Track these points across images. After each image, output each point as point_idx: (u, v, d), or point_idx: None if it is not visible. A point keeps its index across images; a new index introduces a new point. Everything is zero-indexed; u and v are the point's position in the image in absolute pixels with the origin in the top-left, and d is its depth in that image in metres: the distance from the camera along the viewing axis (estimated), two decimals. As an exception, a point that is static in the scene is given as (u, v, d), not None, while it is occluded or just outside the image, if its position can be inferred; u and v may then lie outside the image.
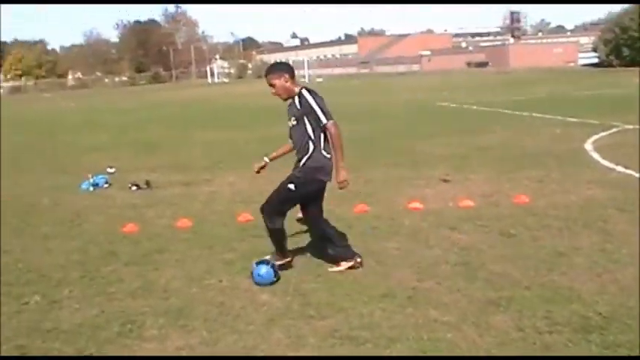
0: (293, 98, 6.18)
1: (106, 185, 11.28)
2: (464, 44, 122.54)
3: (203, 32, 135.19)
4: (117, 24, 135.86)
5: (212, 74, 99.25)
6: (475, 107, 23.54)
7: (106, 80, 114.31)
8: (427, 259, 6.33)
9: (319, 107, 6.02)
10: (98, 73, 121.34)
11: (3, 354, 4.73)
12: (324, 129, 6.00)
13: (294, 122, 6.15)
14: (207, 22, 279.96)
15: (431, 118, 20.74)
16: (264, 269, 5.89)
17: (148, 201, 9.90)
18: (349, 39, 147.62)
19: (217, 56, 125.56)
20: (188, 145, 17.24)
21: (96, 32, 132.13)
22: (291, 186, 6.20)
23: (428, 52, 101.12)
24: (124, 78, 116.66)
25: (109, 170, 12.49)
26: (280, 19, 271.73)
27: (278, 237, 6.22)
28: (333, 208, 8.67)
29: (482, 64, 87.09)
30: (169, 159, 14.60)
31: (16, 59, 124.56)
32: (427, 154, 13.11)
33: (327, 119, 5.99)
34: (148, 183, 10.95)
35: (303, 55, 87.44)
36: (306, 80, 70.39)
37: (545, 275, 5.72)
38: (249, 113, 27.86)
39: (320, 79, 71.71)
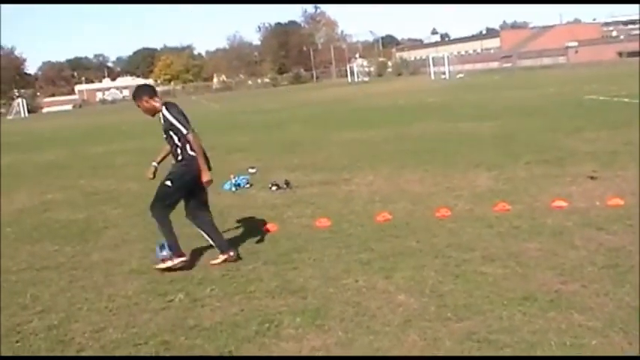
0: (160, 114, 7.02)
1: (247, 185, 11.59)
2: (615, 33, 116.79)
3: (342, 32, 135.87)
4: (259, 27, 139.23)
5: (352, 73, 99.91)
6: (627, 100, 22.28)
7: (249, 82, 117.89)
8: (571, 261, 6.03)
9: (177, 121, 6.88)
10: (241, 76, 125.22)
11: (148, 350, 4.94)
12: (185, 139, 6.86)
13: (164, 134, 7.07)
14: (347, 21, 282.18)
15: (578, 112, 19.84)
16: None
17: (287, 201, 10.07)
18: (491, 33, 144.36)
19: (357, 55, 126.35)
20: (327, 144, 17.39)
21: (239, 36, 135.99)
22: (168, 182, 6.99)
23: (575, 44, 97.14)
24: (266, 79, 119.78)
25: (250, 170, 12.84)
26: (420, 15, 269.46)
27: (166, 231, 6.90)
28: (473, 207, 8.51)
29: (636, 54, 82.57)
30: (309, 158, 14.80)
31: (165, 65, 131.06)
32: (573, 150, 12.54)
33: (187, 131, 6.86)
34: (287, 183, 11.14)
35: (444, 51, 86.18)
36: (447, 77, 69.51)
37: (703, 280, 5.31)
38: (388, 111, 27.80)
39: (461, 75, 70.59)
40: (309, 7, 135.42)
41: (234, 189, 11.36)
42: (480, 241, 6.92)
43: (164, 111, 6.96)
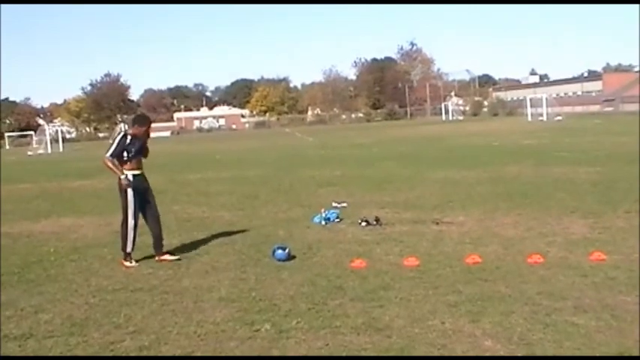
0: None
1: (337, 220, 11.64)
2: None
3: (439, 69, 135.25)
4: (354, 62, 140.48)
5: (446, 111, 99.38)
6: None
7: (343, 116, 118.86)
8: (671, 318, 5.78)
9: (112, 143, 9.22)
10: (336, 110, 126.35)
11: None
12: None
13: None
14: (443, 59, 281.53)
15: (682, 161, 19.05)
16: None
17: (376, 237, 10.06)
18: (593, 75, 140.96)
19: (452, 93, 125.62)
20: (419, 182, 17.30)
21: (335, 70, 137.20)
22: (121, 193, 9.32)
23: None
24: (360, 114, 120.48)
25: (334, 204, 12.81)
26: (519, 54, 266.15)
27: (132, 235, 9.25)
28: (566, 254, 8.29)
29: None
30: (400, 196, 14.75)
31: (261, 96, 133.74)
32: (676, 200, 12.03)
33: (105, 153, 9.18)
34: (377, 219, 11.14)
35: (542, 93, 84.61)
36: (544, 119, 68.11)
37: None
38: (482, 152, 27.44)
39: (559, 117, 69.03)
40: (406, 44, 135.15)
41: (324, 222, 11.43)
42: (572, 291, 6.72)
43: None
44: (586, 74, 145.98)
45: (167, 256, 9.31)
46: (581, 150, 24.74)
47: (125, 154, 9.21)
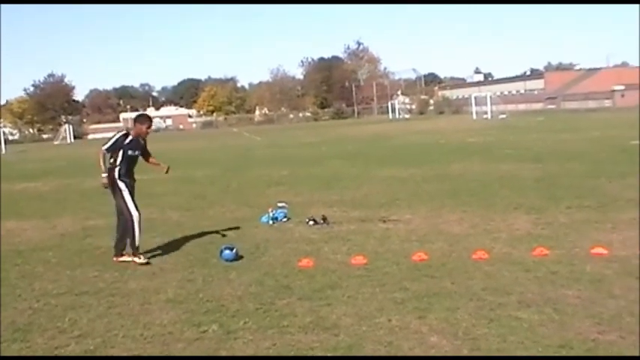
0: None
1: (285, 219, 11.64)
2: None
3: (385, 68, 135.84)
4: (302, 61, 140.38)
5: (393, 110, 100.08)
6: (673, 146, 21.95)
7: (291, 116, 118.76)
8: (610, 310, 5.95)
9: (111, 139, 9.09)
10: (283, 109, 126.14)
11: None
12: None
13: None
14: (390, 58, 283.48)
15: (622, 158, 19.55)
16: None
17: (324, 236, 10.10)
18: (535, 73, 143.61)
19: (399, 92, 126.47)
20: (366, 181, 17.41)
21: (282, 69, 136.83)
22: None
23: (621, 87, 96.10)
24: (308, 113, 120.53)
25: (279, 205, 12.79)
26: (463, 54, 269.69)
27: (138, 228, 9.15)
28: (510, 250, 8.45)
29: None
30: (347, 194, 14.83)
31: (209, 96, 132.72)
32: (616, 196, 12.37)
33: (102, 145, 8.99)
34: (324, 218, 11.18)
35: (487, 91, 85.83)
36: (489, 117, 69.26)
37: None
38: (429, 150, 27.74)
39: (503, 116, 70.15)
40: (352, 43, 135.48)
41: (271, 222, 11.43)
42: (516, 286, 6.86)
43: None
44: (529, 73, 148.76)
45: (126, 258, 9.12)
46: (524, 147, 25.20)
47: (121, 153, 9.03)
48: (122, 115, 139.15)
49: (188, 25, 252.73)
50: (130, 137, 9.09)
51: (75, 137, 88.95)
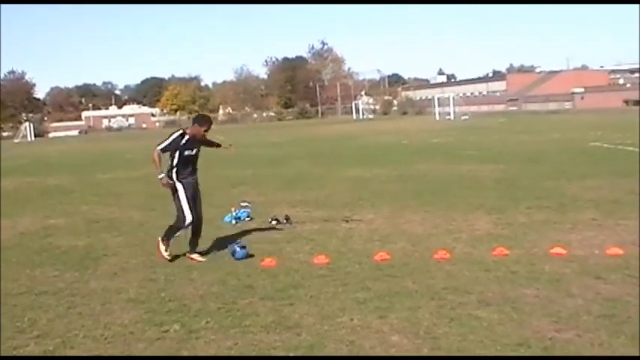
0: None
1: (248, 219, 11.63)
2: (621, 81, 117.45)
3: (349, 68, 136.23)
4: (266, 60, 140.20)
5: (357, 110, 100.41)
6: (631, 148, 22.39)
7: (255, 115, 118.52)
8: (567, 309, 6.05)
9: (167, 138, 8.87)
10: (247, 108, 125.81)
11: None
12: None
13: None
14: (354, 58, 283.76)
15: (581, 159, 19.91)
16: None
17: (287, 236, 10.11)
18: (497, 75, 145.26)
19: (363, 92, 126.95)
20: (330, 181, 17.45)
21: (246, 68, 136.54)
22: None
23: (581, 90, 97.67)
24: (272, 113, 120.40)
25: (242, 204, 12.77)
26: (427, 55, 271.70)
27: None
28: (471, 250, 8.55)
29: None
30: (311, 194, 14.85)
31: (172, 95, 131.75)
32: (575, 197, 12.58)
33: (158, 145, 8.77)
34: (287, 218, 11.18)
35: (450, 92, 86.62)
36: (452, 118, 69.90)
37: (697, 333, 5.32)
38: (392, 150, 27.92)
39: (466, 117, 70.86)
40: (317, 43, 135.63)
41: (234, 222, 11.40)
42: (476, 285, 6.95)
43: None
44: (491, 74, 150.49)
45: (196, 256, 8.87)
46: (486, 148, 25.49)
47: (177, 154, 8.83)
48: (84, 114, 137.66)
49: (151, 24, 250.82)
50: (186, 137, 8.86)
51: (36, 135, 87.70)
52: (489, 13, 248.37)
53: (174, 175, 8.86)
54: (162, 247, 8.76)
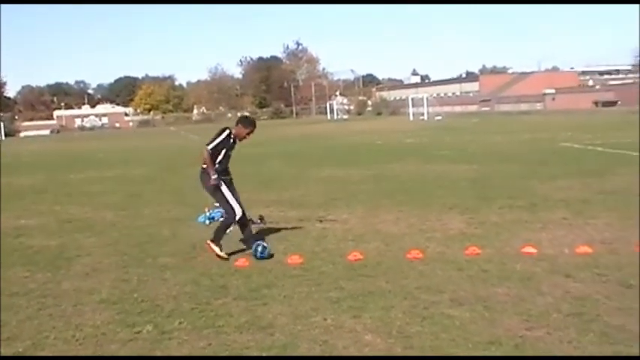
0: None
1: (221, 219, 11.56)
2: (591, 82, 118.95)
3: (324, 69, 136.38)
4: (240, 60, 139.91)
5: (332, 111, 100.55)
6: (601, 149, 22.70)
7: (229, 115, 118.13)
8: (538, 307, 6.12)
9: (216, 138, 9.22)
10: (222, 108, 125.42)
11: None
12: None
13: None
14: (328, 58, 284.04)
15: (552, 159, 20.13)
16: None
17: (260, 236, 10.08)
18: (470, 76, 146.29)
19: (337, 93, 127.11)
20: (304, 181, 17.46)
21: (221, 68, 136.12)
22: None
23: (552, 91, 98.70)
24: (246, 113, 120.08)
25: (216, 204, 12.67)
26: (401, 55, 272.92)
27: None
28: (444, 249, 8.61)
29: (611, 104, 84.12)
30: (285, 194, 14.85)
31: (146, 94, 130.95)
32: (546, 196, 12.71)
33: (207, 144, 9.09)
34: (261, 218, 11.18)
35: (423, 93, 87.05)
36: (425, 118, 70.23)
37: (665, 331, 5.41)
38: (366, 150, 28.01)
39: (439, 117, 71.27)
40: (291, 43, 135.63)
41: (207, 222, 11.37)
42: (449, 284, 7.00)
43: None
44: (464, 75, 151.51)
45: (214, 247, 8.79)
46: (459, 148, 25.68)
47: (223, 152, 9.26)
48: (56, 113, 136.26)
49: (125, 22, 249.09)
50: (232, 137, 9.22)
51: (6, 135, 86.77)
52: (463, 14, 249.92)
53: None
54: (216, 249, 8.71)
